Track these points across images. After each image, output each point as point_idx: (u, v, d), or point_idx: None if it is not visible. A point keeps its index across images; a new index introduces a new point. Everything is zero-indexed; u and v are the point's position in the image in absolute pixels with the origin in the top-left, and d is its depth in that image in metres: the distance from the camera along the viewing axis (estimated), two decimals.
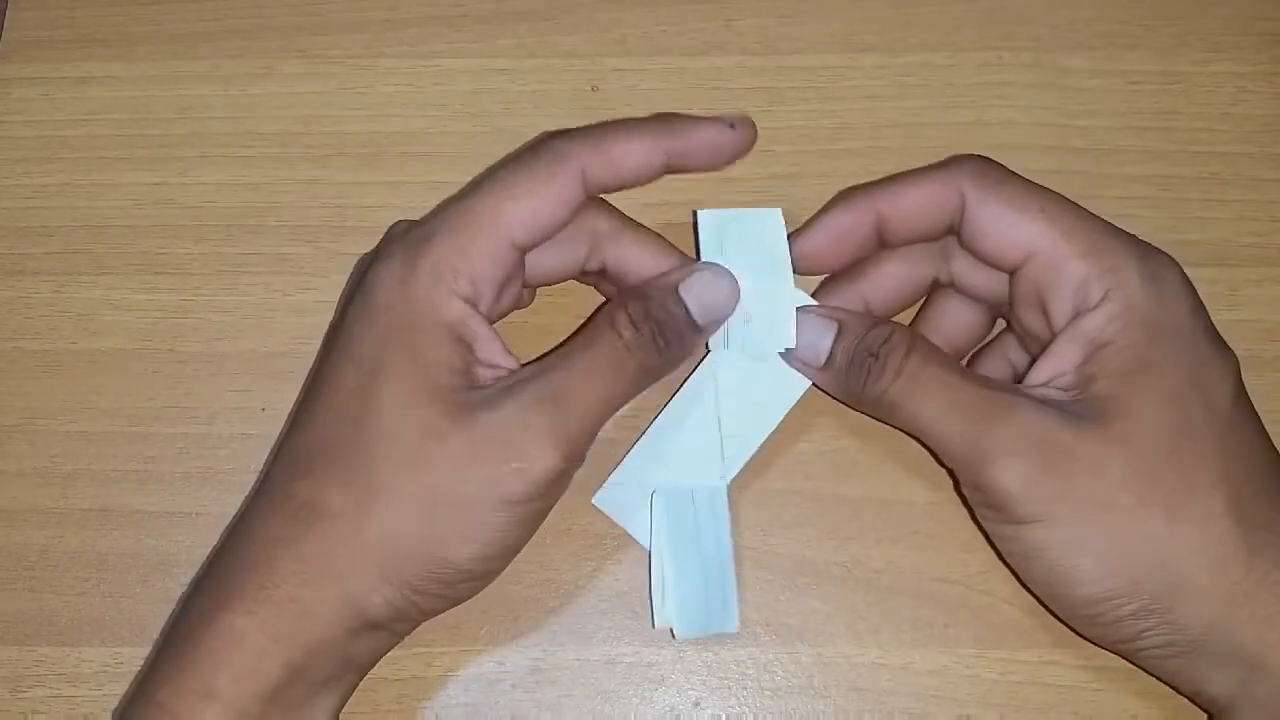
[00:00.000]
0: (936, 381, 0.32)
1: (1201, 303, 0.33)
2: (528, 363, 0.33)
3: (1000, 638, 0.36)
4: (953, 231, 0.35)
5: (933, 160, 0.36)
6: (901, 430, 0.34)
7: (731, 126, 0.34)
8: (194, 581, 0.35)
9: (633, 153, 0.34)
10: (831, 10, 0.43)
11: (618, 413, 0.33)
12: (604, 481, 0.37)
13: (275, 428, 0.38)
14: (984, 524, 0.34)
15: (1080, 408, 0.32)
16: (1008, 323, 0.36)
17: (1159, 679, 0.33)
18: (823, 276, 0.37)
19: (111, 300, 0.40)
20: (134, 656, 0.36)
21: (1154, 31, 0.42)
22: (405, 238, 0.33)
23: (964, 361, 0.37)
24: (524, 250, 0.34)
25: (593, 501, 0.36)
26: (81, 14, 0.43)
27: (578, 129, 0.34)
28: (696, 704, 0.36)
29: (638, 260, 0.35)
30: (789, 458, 0.37)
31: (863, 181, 0.37)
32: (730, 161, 0.35)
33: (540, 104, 0.42)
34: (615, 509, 0.36)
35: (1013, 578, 0.36)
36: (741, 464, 0.36)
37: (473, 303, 0.33)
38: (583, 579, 0.37)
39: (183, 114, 0.42)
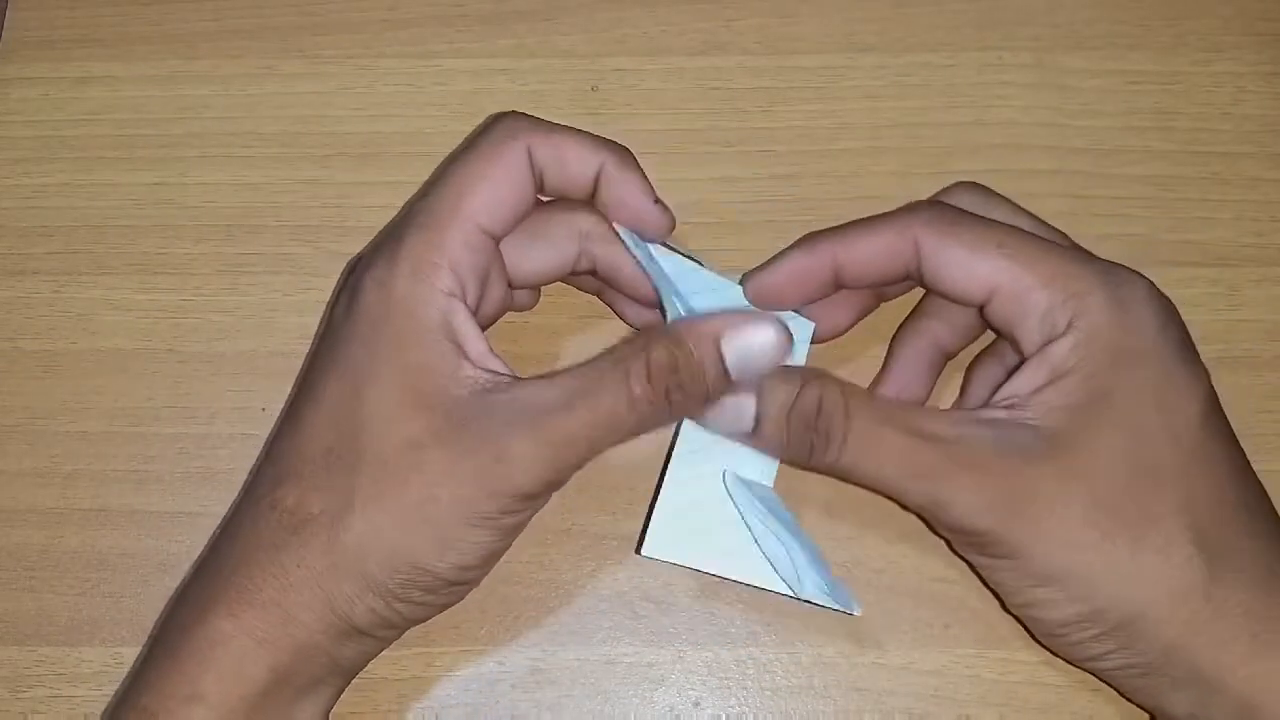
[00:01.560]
0: (885, 443, 0.31)
1: (1174, 318, 0.33)
2: (530, 377, 0.32)
3: (1000, 638, 0.36)
4: (910, 278, 0.35)
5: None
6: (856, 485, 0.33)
7: (656, 202, 0.34)
8: (180, 587, 0.35)
9: (575, 145, 0.34)
10: (831, 10, 0.43)
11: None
12: (629, 527, 0.36)
13: None
14: (962, 554, 0.34)
15: (1040, 439, 0.31)
16: None
17: (1123, 696, 0.33)
18: None
19: (111, 300, 0.40)
20: (134, 656, 0.36)
21: (1154, 31, 0.42)
22: (381, 242, 0.33)
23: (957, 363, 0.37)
24: (494, 236, 0.33)
25: (642, 554, 0.33)
26: (81, 14, 0.43)
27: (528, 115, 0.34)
28: (696, 704, 0.36)
29: (627, 258, 0.35)
30: None
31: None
32: (649, 231, 0.35)
33: (540, 104, 0.42)
34: (669, 550, 0.33)
35: None
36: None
37: (456, 295, 0.32)
38: (583, 579, 0.37)
39: (183, 114, 0.42)
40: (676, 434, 0.34)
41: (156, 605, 0.36)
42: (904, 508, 0.34)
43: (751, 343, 0.31)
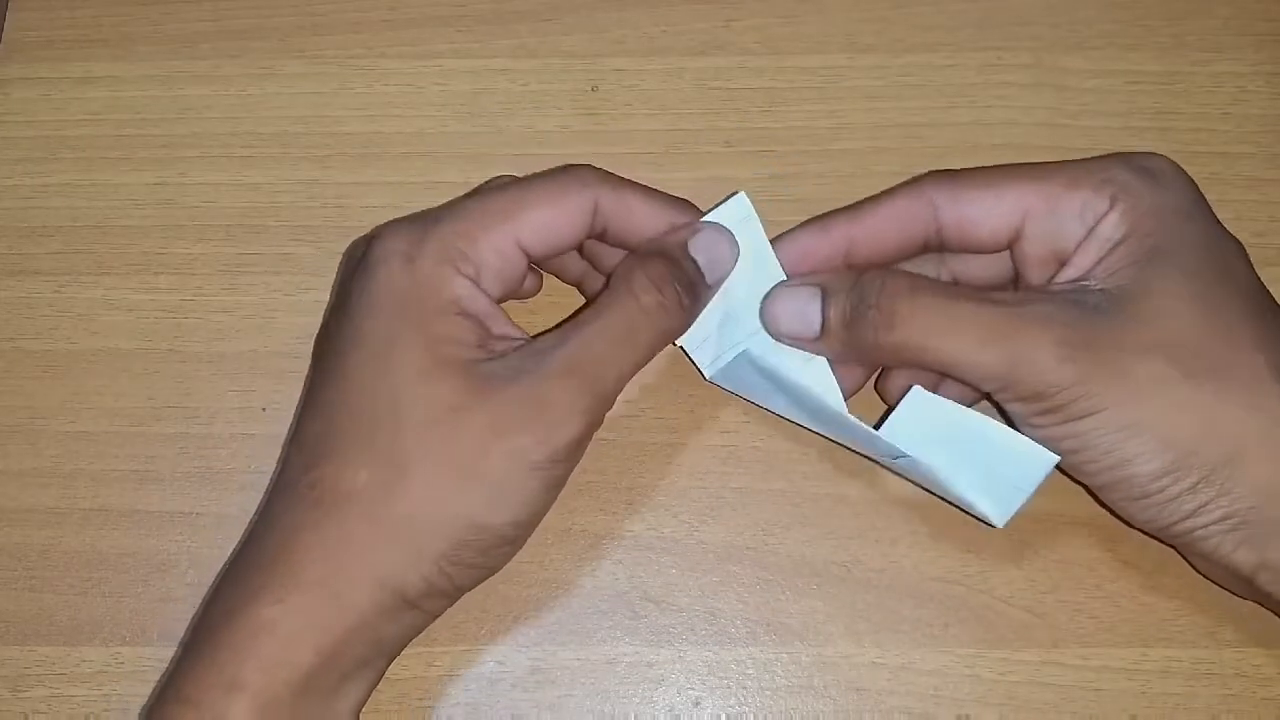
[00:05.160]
0: (952, 313, 0.32)
1: (1199, 189, 0.34)
2: (543, 333, 0.33)
3: (1000, 638, 0.36)
4: (929, 247, 0.35)
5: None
6: (922, 369, 0.34)
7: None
8: (217, 579, 0.35)
9: (642, 204, 0.34)
10: (831, 10, 0.43)
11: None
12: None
13: (275, 428, 0.38)
14: (1035, 433, 0.33)
15: (1108, 297, 0.32)
16: None
17: (1218, 569, 0.32)
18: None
19: (111, 300, 0.40)
20: (134, 656, 0.36)
21: (1154, 31, 0.42)
22: (407, 220, 0.33)
23: None
24: (528, 256, 0.34)
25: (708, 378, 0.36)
26: (82, 14, 0.43)
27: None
28: (696, 704, 0.36)
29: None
30: (789, 458, 0.37)
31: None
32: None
33: (540, 104, 0.42)
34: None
35: (1013, 578, 0.36)
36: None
37: (476, 285, 0.33)
38: (583, 579, 0.37)
39: (183, 114, 0.42)
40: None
41: (156, 605, 0.36)
42: (977, 393, 0.34)
43: (712, 242, 0.34)
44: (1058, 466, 0.33)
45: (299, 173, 0.41)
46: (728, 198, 0.35)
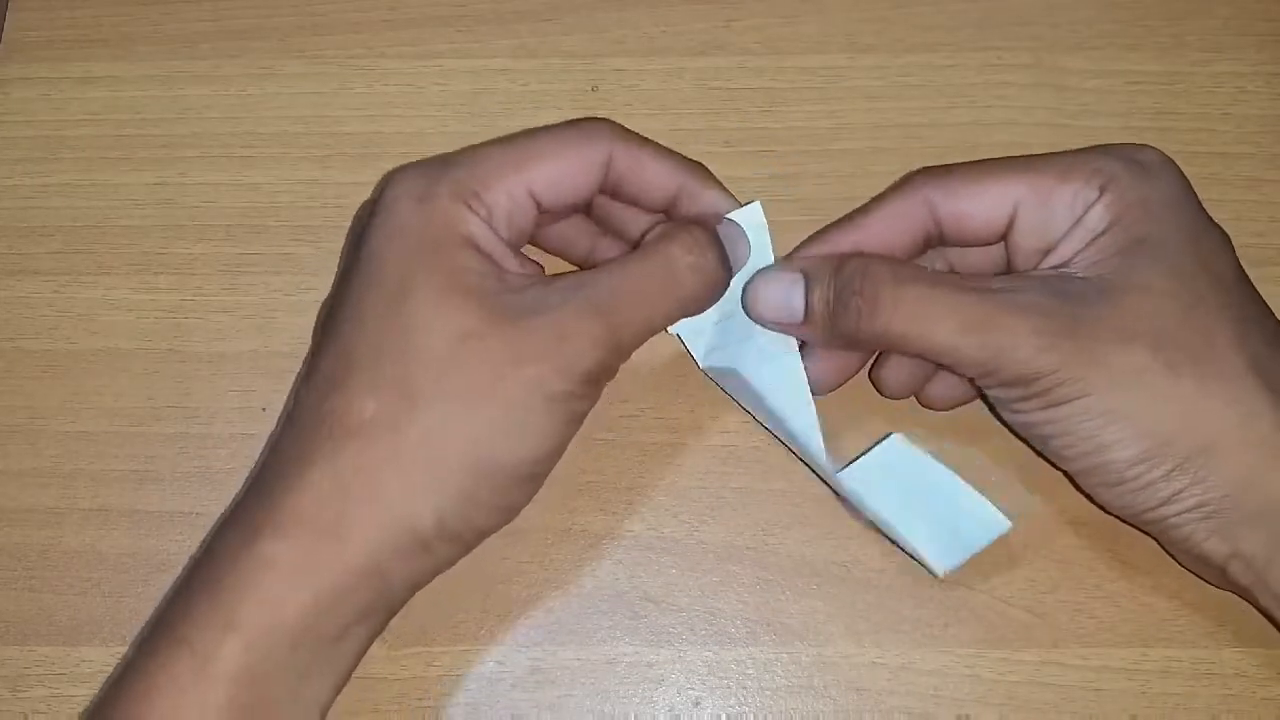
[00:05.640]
0: (934, 301, 0.32)
1: (1189, 182, 0.34)
2: (569, 272, 0.33)
3: (1000, 638, 0.36)
4: (930, 243, 0.35)
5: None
6: (905, 355, 0.34)
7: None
8: (221, 516, 0.34)
9: (655, 161, 0.34)
10: (831, 10, 0.43)
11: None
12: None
13: (275, 428, 0.38)
14: (1015, 419, 0.34)
15: (1091, 286, 0.32)
16: None
17: (1191, 556, 0.33)
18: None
19: (111, 300, 0.40)
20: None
21: (1154, 31, 0.42)
22: (419, 164, 0.33)
23: None
24: (539, 207, 0.33)
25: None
26: (81, 14, 0.43)
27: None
28: (696, 704, 0.36)
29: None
30: (789, 458, 0.37)
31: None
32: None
33: (540, 104, 0.42)
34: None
35: (1013, 578, 0.36)
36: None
37: (489, 225, 0.32)
38: (583, 579, 0.37)
39: (183, 114, 0.42)
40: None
41: (156, 605, 0.36)
42: (961, 379, 0.34)
43: (734, 236, 0.34)
44: (1040, 454, 0.34)
45: (299, 173, 0.41)
46: (744, 205, 0.35)
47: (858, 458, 0.35)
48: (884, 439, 0.35)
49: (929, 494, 0.34)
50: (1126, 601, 0.36)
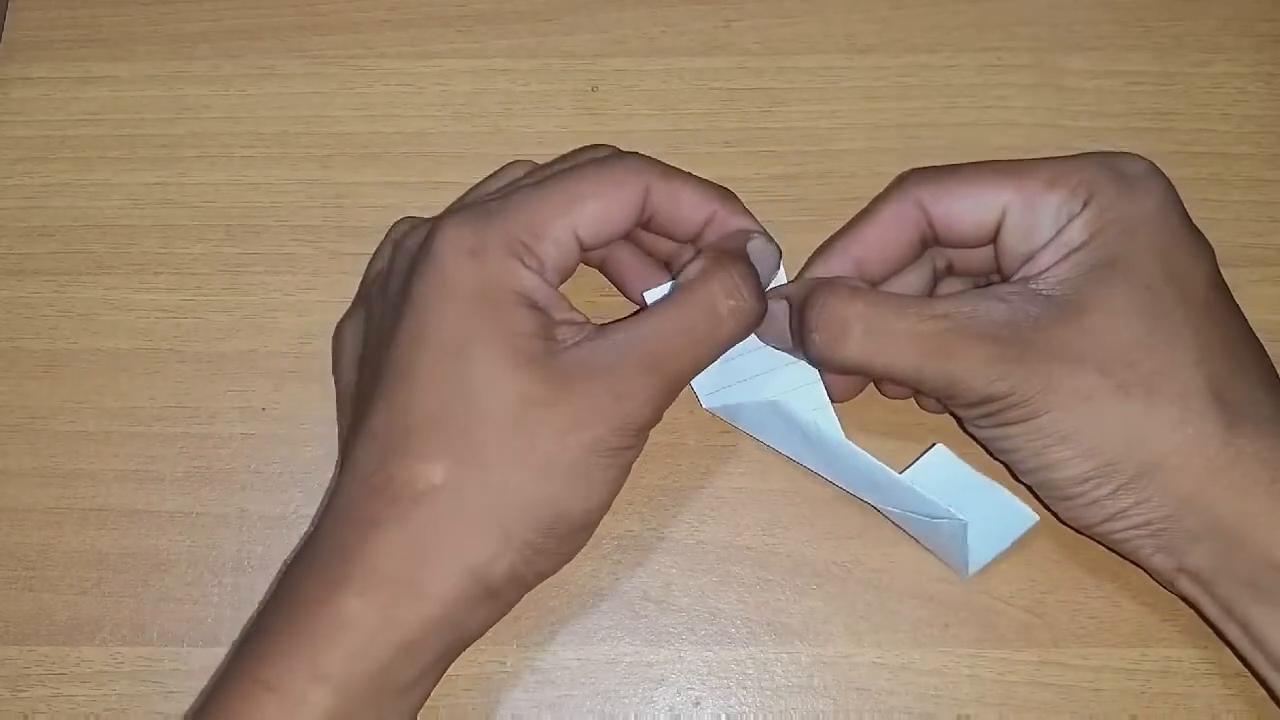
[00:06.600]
0: (889, 331, 0.32)
1: (1175, 194, 0.34)
2: (614, 321, 0.33)
3: (1000, 638, 0.36)
4: (925, 244, 0.35)
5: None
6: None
7: (766, 239, 0.35)
8: (282, 572, 0.34)
9: (689, 192, 0.34)
10: (831, 10, 0.43)
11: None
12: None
13: (275, 428, 0.38)
14: (975, 433, 0.35)
15: (1053, 305, 0.32)
16: None
17: (1141, 567, 0.34)
18: None
19: (111, 300, 0.40)
20: (134, 656, 0.36)
21: (1154, 32, 0.42)
22: (465, 212, 0.33)
23: None
24: (585, 249, 0.34)
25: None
26: (81, 14, 0.43)
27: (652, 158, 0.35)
28: (696, 704, 0.36)
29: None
30: (789, 458, 0.37)
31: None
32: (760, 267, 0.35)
33: (540, 104, 0.42)
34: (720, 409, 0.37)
35: (1013, 578, 0.36)
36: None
37: (541, 276, 0.33)
38: (583, 579, 0.37)
39: (183, 114, 0.42)
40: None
41: (156, 605, 0.36)
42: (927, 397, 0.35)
43: (764, 253, 0.35)
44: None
45: (299, 173, 0.41)
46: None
47: (909, 465, 0.36)
48: (930, 448, 0.36)
49: (969, 498, 0.35)
50: (1126, 601, 0.36)
